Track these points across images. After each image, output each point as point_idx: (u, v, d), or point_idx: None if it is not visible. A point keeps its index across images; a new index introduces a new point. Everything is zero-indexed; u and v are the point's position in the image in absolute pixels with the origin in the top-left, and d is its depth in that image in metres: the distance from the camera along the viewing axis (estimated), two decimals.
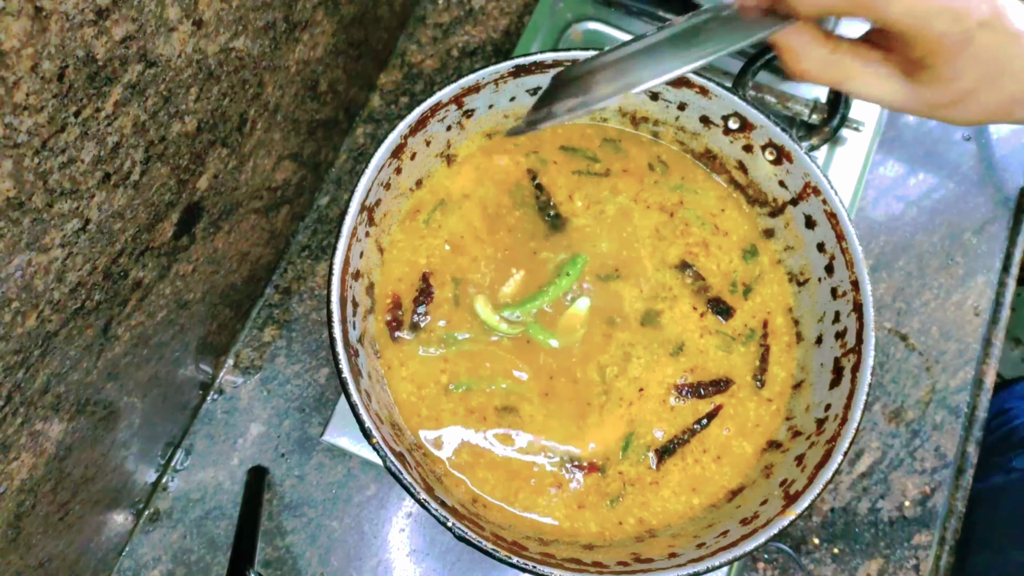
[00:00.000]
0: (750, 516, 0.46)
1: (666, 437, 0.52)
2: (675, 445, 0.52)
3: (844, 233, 0.50)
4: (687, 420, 0.53)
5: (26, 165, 0.32)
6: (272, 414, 0.63)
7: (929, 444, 0.66)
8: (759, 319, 0.55)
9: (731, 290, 0.56)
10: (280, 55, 0.50)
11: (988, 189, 0.72)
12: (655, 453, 0.52)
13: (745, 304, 0.56)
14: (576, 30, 0.71)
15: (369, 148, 0.70)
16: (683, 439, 0.52)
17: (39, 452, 0.43)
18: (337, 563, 0.60)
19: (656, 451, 0.52)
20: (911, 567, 0.63)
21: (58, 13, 0.30)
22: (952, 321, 0.69)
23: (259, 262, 0.63)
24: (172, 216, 0.46)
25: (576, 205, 0.57)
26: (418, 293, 0.54)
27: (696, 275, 0.56)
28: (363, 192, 0.48)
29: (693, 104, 0.54)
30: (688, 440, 0.52)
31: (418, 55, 0.73)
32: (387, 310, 0.53)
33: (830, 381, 0.50)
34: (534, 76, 0.53)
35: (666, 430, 0.52)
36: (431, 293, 0.54)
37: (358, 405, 0.43)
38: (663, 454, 0.52)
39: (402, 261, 0.54)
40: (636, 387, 0.53)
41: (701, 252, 0.56)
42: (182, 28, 0.38)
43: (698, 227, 0.57)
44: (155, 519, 0.61)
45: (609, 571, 0.44)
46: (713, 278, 0.56)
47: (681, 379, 0.53)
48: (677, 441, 0.52)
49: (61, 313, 0.39)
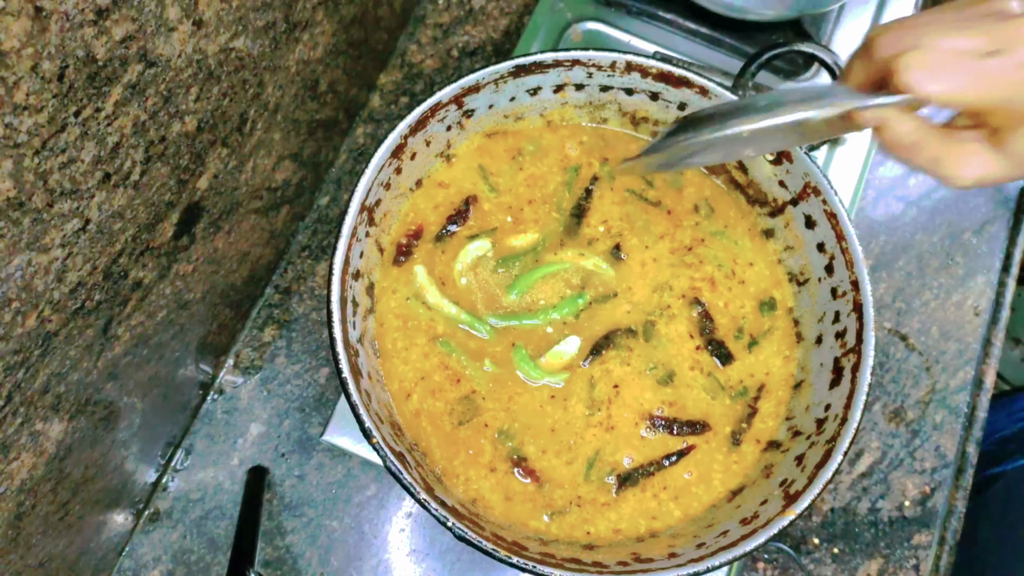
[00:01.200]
0: (750, 516, 0.46)
1: (633, 465, 0.51)
2: (639, 476, 0.51)
3: (844, 233, 0.50)
4: (656, 452, 0.51)
5: (26, 165, 0.32)
6: (272, 414, 0.63)
7: (929, 444, 0.66)
8: (756, 380, 0.53)
9: (736, 336, 0.54)
10: (280, 55, 0.50)
11: (988, 189, 0.72)
12: (617, 478, 0.51)
13: (747, 357, 0.54)
14: (576, 30, 0.71)
15: (369, 148, 0.70)
16: (649, 471, 0.51)
17: (39, 452, 0.43)
18: (337, 563, 0.60)
19: (619, 476, 0.51)
20: (911, 567, 0.63)
21: (58, 13, 0.30)
22: (952, 321, 0.69)
23: (259, 262, 0.63)
24: (172, 216, 0.46)
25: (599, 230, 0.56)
26: (455, 212, 0.55)
27: (704, 313, 0.54)
28: (363, 192, 0.48)
29: (693, 104, 0.54)
30: (653, 474, 0.51)
31: (418, 55, 0.73)
32: (405, 234, 0.54)
33: (830, 381, 0.50)
34: (534, 76, 0.53)
35: (635, 458, 0.51)
36: (467, 216, 0.55)
37: (358, 405, 0.43)
38: (624, 481, 0.51)
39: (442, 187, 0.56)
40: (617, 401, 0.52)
41: (707, 287, 0.55)
42: (182, 28, 0.38)
43: (713, 267, 0.56)
44: (155, 519, 0.61)
45: (609, 571, 0.44)
46: (721, 317, 0.54)
47: (658, 410, 0.52)
48: (642, 472, 0.51)
49: (61, 313, 0.39)
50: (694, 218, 0.57)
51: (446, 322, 0.53)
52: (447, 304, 0.53)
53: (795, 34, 0.70)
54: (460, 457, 0.51)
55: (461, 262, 0.54)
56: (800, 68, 0.69)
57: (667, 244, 0.56)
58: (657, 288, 0.55)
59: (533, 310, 0.54)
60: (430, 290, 0.53)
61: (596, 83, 0.55)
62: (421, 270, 0.54)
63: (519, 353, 0.52)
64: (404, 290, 0.54)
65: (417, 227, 0.55)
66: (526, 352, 0.52)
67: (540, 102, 0.56)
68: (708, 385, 0.53)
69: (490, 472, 0.50)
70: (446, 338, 0.53)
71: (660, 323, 0.54)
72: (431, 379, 0.52)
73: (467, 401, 0.52)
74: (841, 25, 0.72)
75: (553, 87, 0.55)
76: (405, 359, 0.52)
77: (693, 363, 0.53)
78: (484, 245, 0.55)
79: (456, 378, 0.52)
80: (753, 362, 0.54)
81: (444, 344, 0.52)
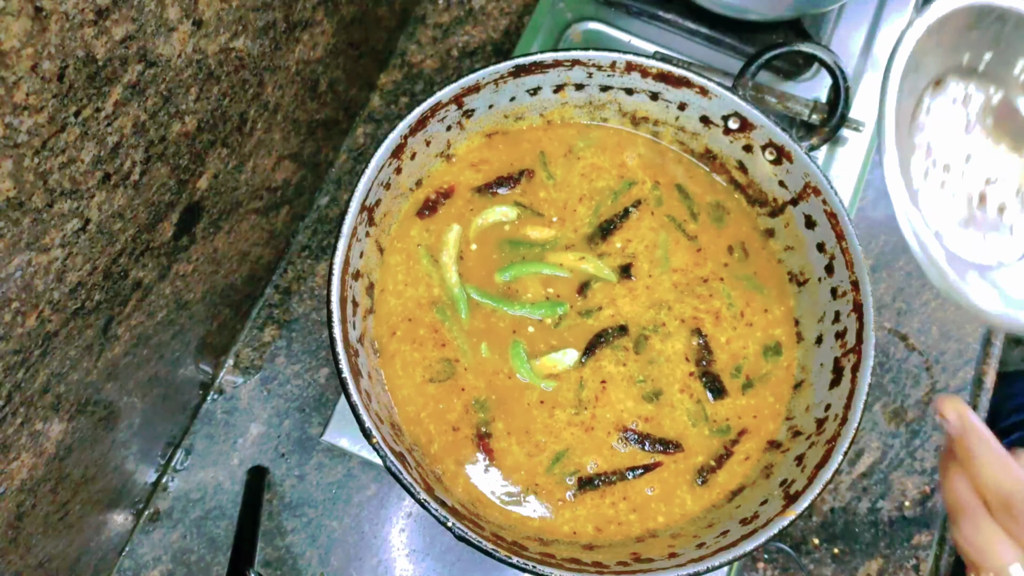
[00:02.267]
0: (750, 516, 0.46)
1: (596, 471, 0.51)
2: (600, 482, 0.50)
3: (844, 233, 0.50)
4: (623, 462, 0.51)
5: (26, 165, 0.32)
6: (272, 414, 0.63)
7: (929, 444, 0.66)
8: (741, 423, 0.52)
9: (733, 374, 0.53)
10: (280, 55, 0.50)
11: None
12: (577, 480, 0.50)
13: (740, 398, 0.53)
14: (576, 30, 0.71)
15: (369, 148, 0.70)
16: (611, 479, 0.50)
17: (39, 452, 0.43)
18: (337, 563, 0.60)
19: (579, 479, 0.50)
20: (911, 567, 0.63)
21: (58, 13, 0.30)
22: (952, 321, 0.69)
23: (259, 262, 0.63)
24: (172, 216, 0.46)
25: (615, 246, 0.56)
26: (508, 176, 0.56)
27: (705, 345, 0.54)
28: (363, 192, 0.48)
29: (693, 104, 0.54)
30: (615, 483, 0.50)
31: (418, 55, 0.73)
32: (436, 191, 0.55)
33: (830, 381, 0.50)
34: (534, 76, 0.53)
35: (599, 465, 0.51)
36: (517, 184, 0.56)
37: (358, 405, 0.43)
38: (585, 485, 0.50)
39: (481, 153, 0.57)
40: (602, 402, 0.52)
41: (710, 320, 0.54)
42: (182, 28, 0.38)
43: (723, 303, 0.55)
44: (155, 519, 0.61)
45: (609, 571, 0.44)
46: (720, 352, 0.54)
47: (633, 424, 0.52)
48: (605, 479, 0.50)
49: (61, 313, 0.39)
50: (725, 258, 0.56)
51: (441, 287, 0.53)
52: (453, 272, 0.53)
53: (795, 34, 0.70)
54: (428, 409, 0.51)
55: (483, 219, 0.55)
56: (800, 68, 0.69)
57: (680, 276, 0.55)
58: (653, 305, 0.54)
59: (513, 299, 0.54)
60: (449, 250, 0.54)
61: (596, 83, 0.55)
62: (457, 228, 0.54)
63: (516, 349, 0.52)
64: (420, 237, 0.54)
65: (449, 187, 0.56)
66: (524, 349, 0.52)
67: (540, 102, 0.56)
68: (693, 411, 0.52)
69: (452, 431, 0.51)
70: (441, 306, 0.53)
71: (654, 339, 0.54)
72: (416, 329, 0.53)
73: (446, 364, 0.52)
74: (841, 25, 0.72)
75: (553, 87, 0.55)
76: (400, 293, 0.53)
77: (684, 386, 0.53)
78: (510, 212, 0.55)
79: (441, 342, 0.53)
80: (744, 404, 0.53)
81: (440, 311, 0.53)
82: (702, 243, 0.56)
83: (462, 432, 0.51)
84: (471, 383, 0.52)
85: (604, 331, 0.53)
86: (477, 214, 0.55)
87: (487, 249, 0.55)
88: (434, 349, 0.52)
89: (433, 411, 0.51)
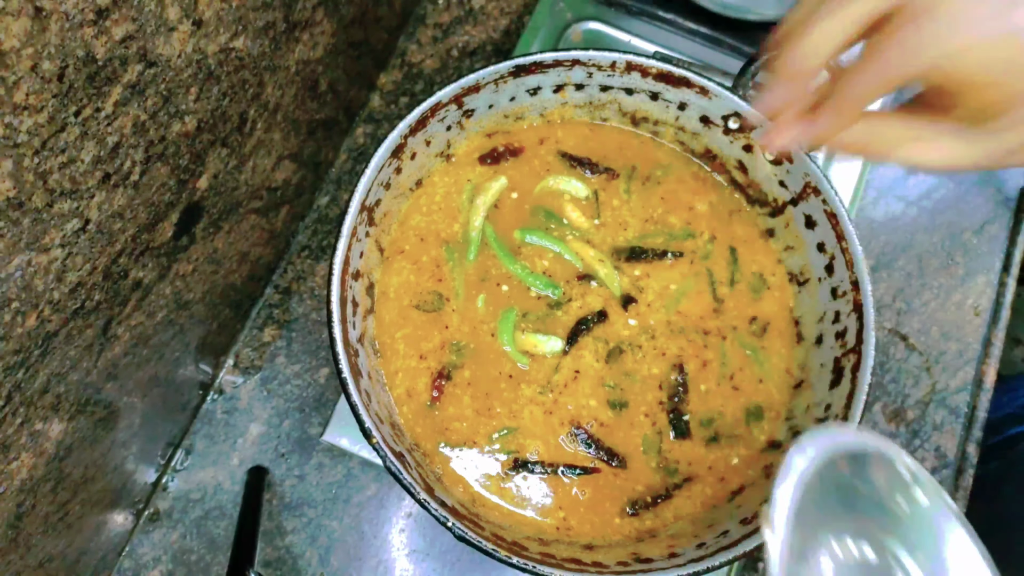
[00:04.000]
0: (750, 516, 0.46)
1: (537, 459, 0.51)
2: (535, 469, 0.50)
3: (844, 233, 0.50)
4: (564, 459, 0.51)
5: (26, 165, 0.32)
6: (272, 414, 0.63)
7: (929, 444, 0.66)
8: (690, 471, 0.51)
9: (702, 423, 0.52)
10: (280, 55, 0.50)
11: (988, 189, 0.72)
12: (513, 461, 0.50)
13: (700, 448, 0.51)
14: (576, 30, 0.71)
15: (369, 148, 0.70)
16: (546, 470, 0.50)
17: (39, 452, 0.43)
18: (337, 563, 0.60)
19: (515, 460, 0.50)
20: None
21: (58, 13, 0.30)
22: (952, 321, 0.69)
23: (259, 262, 0.63)
24: (172, 216, 0.46)
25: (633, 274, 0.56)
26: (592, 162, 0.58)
27: (682, 384, 0.52)
28: (363, 192, 0.48)
29: (693, 104, 0.54)
30: (549, 474, 0.50)
31: (418, 55, 0.73)
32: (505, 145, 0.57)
33: (830, 381, 0.50)
34: (534, 76, 0.53)
35: (540, 453, 0.51)
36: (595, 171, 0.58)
37: (358, 405, 0.43)
38: (521, 467, 0.50)
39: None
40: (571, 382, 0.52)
41: (696, 365, 0.53)
42: (182, 28, 0.38)
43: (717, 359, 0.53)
44: (155, 519, 0.61)
45: (609, 571, 0.44)
46: (696, 399, 0.52)
47: (588, 424, 0.51)
48: (542, 469, 0.50)
49: (61, 313, 0.39)
50: (741, 325, 0.54)
51: (464, 225, 0.55)
52: (480, 216, 0.55)
53: None
54: (405, 329, 0.53)
55: (554, 181, 0.56)
56: None
57: (680, 319, 0.54)
58: (642, 330, 0.54)
59: (517, 256, 0.54)
60: (487, 196, 0.55)
61: (596, 83, 0.55)
62: (503, 180, 0.56)
63: (509, 315, 0.53)
64: (471, 174, 0.56)
65: (520, 146, 0.57)
66: (514, 319, 0.53)
67: (540, 102, 0.56)
68: (650, 438, 0.51)
69: (418, 358, 0.52)
70: (452, 246, 0.54)
71: (628, 355, 0.53)
72: (423, 254, 0.54)
73: (436, 297, 0.53)
74: None
75: (553, 87, 0.55)
76: (429, 213, 0.55)
77: (650, 411, 0.52)
78: (581, 190, 0.56)
79: (439, 277, 0.54)
80: (702, 455, 0.51)
81: (448, 251, 0.54)
82: (728, 308, 0.55)
83: (426, 363, 0.52)
84: (455, 325, 0.53)
85: (585, 318, 0.53)
86: (551, 175, 0.56)
87: (523, 207, 0.56)
88: (430, 280, 0.54)
89: (409, 335, 0.52)
